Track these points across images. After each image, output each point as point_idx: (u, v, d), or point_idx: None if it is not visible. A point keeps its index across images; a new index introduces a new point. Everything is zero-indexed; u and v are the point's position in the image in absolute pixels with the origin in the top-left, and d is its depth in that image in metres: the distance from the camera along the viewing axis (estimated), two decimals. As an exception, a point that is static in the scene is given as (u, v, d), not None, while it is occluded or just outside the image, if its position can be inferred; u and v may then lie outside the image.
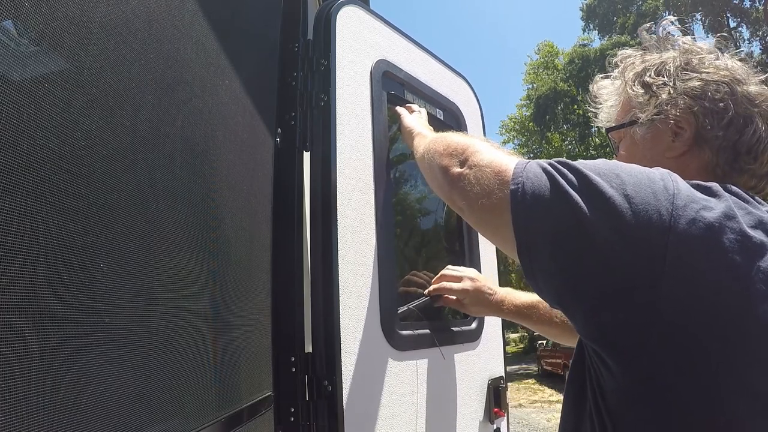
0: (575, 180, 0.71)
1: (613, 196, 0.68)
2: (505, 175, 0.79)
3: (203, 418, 0.84)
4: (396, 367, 1.35)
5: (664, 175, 0.71)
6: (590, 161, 0.75)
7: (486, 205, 0.82)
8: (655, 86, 0.86)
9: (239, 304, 1.04)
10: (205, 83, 0.93)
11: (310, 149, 1.31)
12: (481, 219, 0.87)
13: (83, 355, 0.58)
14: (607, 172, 0.71)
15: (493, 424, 1.70)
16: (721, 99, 0.81)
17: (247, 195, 1.11)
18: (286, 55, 1.34)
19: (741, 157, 0.81)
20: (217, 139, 0.98)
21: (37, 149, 0.53)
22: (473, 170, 0.87)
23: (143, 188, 0.73)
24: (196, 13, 0.90)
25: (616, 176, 0.70)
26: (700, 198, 0.68)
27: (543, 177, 0.74)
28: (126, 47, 0.70)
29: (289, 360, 1.20)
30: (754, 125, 0.81)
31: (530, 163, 0.78)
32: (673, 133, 0.84)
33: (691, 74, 0.83)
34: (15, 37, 0.52)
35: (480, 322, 1.73)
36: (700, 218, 0.65)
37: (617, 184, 0.69)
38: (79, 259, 0.58)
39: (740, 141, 0.80)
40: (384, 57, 1.52)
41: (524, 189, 0.75)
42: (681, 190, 0.68)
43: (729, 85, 0.81)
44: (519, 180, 0.76)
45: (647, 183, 0.69)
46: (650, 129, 0.87)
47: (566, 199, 0.70)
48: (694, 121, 0.82)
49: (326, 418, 1.17)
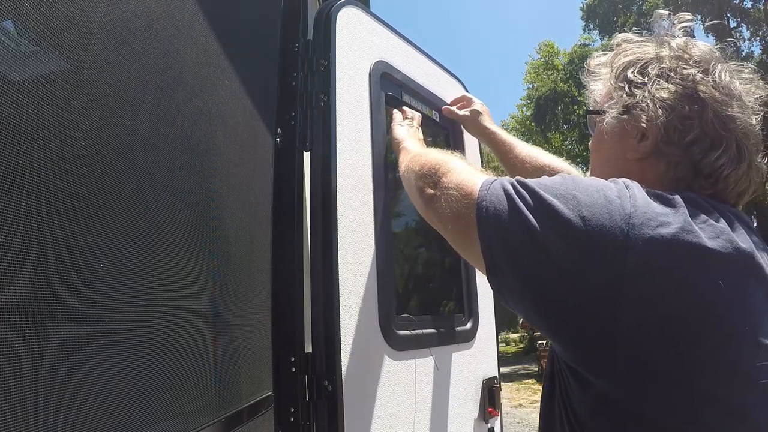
0: (531, 201, 0.72)
1: (569, 217, 0.68)
2: (471, 197, 0.81)
3: (203, 418, 0.84)
4: (394, 367, 1.35)
5: (622, 192, 0.71)
6: (551, 180, 0.75)
7: (456, 228, 0.84)
8: (634, 85, 0.84)
9: (239, 304, 1.04)
10: (205, 83, 0.93)
11: (310, 149, 1.31)
12: (455, 241, 0.89)
13: (83, 355, 0.58)
14: (564, 193, 0.71)
15: (488, 424, 1.71)
16: (688, 116, 0.78)
17: (247, 195, 1.11)
18: (286, 55, 1.34)
19: (698, 180, 0.79)
20: (217, 139, 0.98)
21: (37, 149, 0.53)
22: (443, 192, 0.89)
23: (143, 188, 0.72)
24: (196, 13, 0.90)
25: (573, 197, 0.70)
26: (658, 214, 0.68)
27: (503, 198, 0.75)
28: (126, 47, 0.70)
29: (289, 360, 1.20)
30: (721, 150, 0.78)
31: (494, 183, 0.79)
32: (639, 136, 0.83)
33: (666, 83, 0.81)
34: (15, 37, 0.52)
35: (474, 323, 1.74)
36: (657, 236, 0.65)
37: (573, 206, 0.69)
38: (79, 259, 0.58)
39: (702, 162, 0.78)
40: (382, 58, 1.52)
41: (487, 211, 0.76)
42: (638, 207, 0.68)
43: (703, 103, 0.78)
44: (482, 204, 0.78)
45: (603, 203, 0.69)
46: (619, 125, 0.86)
47: (521, 220, 0.71)
48: (656, 131, 0.80)
49: (326, 418, 1.17)
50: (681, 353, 0.65)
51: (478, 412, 1.68)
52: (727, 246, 0.68)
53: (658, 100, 0.80)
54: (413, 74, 1.66)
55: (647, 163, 0.82)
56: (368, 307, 1.30)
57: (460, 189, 0.85)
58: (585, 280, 0.67)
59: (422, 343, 1.46)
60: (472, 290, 1.75)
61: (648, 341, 0.65)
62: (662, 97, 0.80)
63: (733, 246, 0.68)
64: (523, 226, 0.71)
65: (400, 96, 1.58)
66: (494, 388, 1.75)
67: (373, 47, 1.50)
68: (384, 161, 1.44)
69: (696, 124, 0.78)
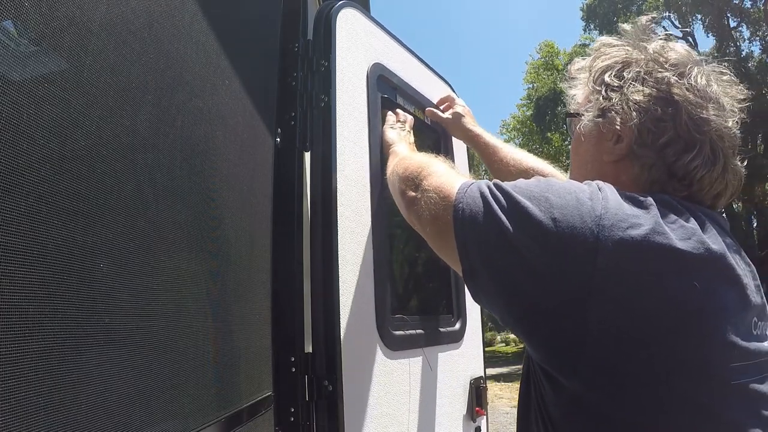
0: (505, 203, 0.73)
1: (540, 219, 0.69)
2: (448, 200, 0.82)
3: (203, 418, 0.84)
4: (390, 367, 1.36)
5: (594, 194, 0.71)
6: (526, 182, 0.76)
7: (435, 230, 0.86)
8: (610, 88, 0.85)
9: (239, 304, 1.04)
10: (205, 83, 0.93)
11: (310, 149, 1.31)
12: (434, 243, 0.90)
13: (83, 355, 0.58)
14: (537, 195, 0.72)
15: (475, 423, 1.74)
16: (662, 118, 0.79)
17: (247, 195, 1.11)
18: (286, 55, 1.34)
19: (671, 182, 0.79)
20: (217, 139, 0.98)
21: (37, 149, 0.53)
22: (423, 195, 0.90)
23: (143, 188, 0.73)
24: (196, 13, 0.90)
25: (546, 199, 0.71)
26: (628, 215, 0.68)
27: (479, 200, 0.76)
28: (126, 47, 0.70)
29: (289, 360, 1.20)
30: (695, 152, 0.78)
31: (471, 186, 0.80)
32: (614, 139, 0.83)
33: (641, 87, 0.81)
34: (15, 37, 0.52)
35: (462, 324, 1.76)
36: (627, 238, 0.66)
37: (545, 208, 0.70)
38: (79, 259, 0.58)
39: (676, 164, 0.78)
40: (379, 60, 1.53)
41: (463, 213, 0.77)
42: (609, 209, 0.69)
43: (677, 105, 0.78)
44: (459, 206, 0.79)
45: (575, 205, 0.69)
46: (595, 128, 0.86)
47: (495, 222, 0.73)
48: (630, 134, 0.81)
49: (326, 418, 1.17)
50: (651, 354, 0.66)
51: (466, 411, 1.71)
52: (698, 247, 0.68)
53: (632, 102, 0.81)
54: (407, 77, 1.67)
55: (622, 166, 0.83)
56: (366, 308, 1.31)
57: (439, 192, 0.86)
58: (555, 282, 0.68)
59: (415, 343, 1.48)
60: (460, 291, 1.77)
61: (617, 343, 0.66)
62: (636, 100, 0.81)
63: (704, 247, 0.69)
64: (496, 228, 0.72)
65: (395, 99, 1.60)
66: (481, 388, 1.79)
67: (371, 49, 1.50)
68: (380, 164, 1.45)
69: (670, 126, 0.78)
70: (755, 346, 0.70)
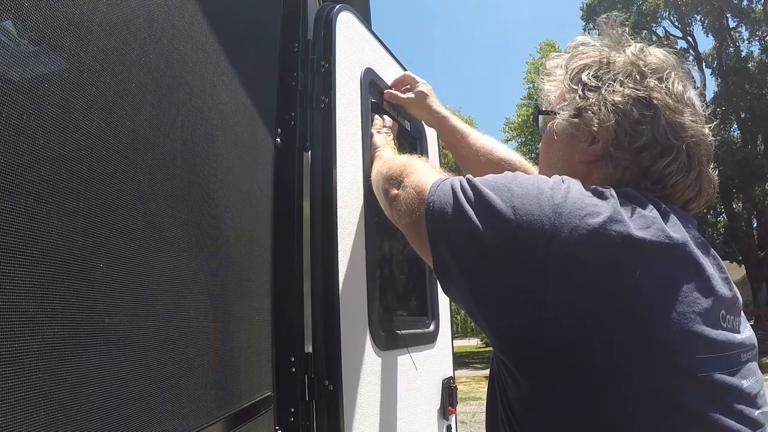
0: (472, 195, 0.75)
1: (501, 208, 0.71)
2: (423, 194, 0.84)
3: (203, 418, 0.84)
4: (379, 366, 1.38)
5: (556, 184, 0.72)
6: (494, 176, 0.78)
7: (410, 223, 0.88)
8: (587, 88, 0.83)
9: (239, 304, 1.04)
10: (205, 83, 0.93)
11: (310, 149, 1.32)
12: (410, 237, 0.92)
13: (83, 355, 0.58)
14: (501, 186, 0.74)
15: (447, 420, 1.81)
16: (640, 121, 0.78)
17: (247, 195, 1.11)
18: (286, 55, 1.34)
19: (644, 183, 0.78)
20: (217, 138, 0.98)
21: (37, 149, 0.53)
22: (404, 191, 0.93)
23: (143, 188, 0.73)
24: (196, 13, 0.90)
25: (508, 189, 0.73)
26: (588, 204, 0.69)
27: (448, 193, 0.78)
28: (126, 47, 0.70)
29: (289, 360, 1.20)
30: (671, 157, 0.77)
31: (444, 182, 0.82)
32: (589, 140, 0.82)
33: (620, 87, 0.80)
34: (15, 37, 0.52)
35: (436, 325, 1.80)
36: (584, 225, 0.66)
37: (506, 197, 0.72)
38: (78, 259, 0.58)
39: (651, 169, 0.78)
40: (370, 65, 1.54)
41: (434, 207, 0.79)
42: (569, 198, 0.69)
43: (655, 109, 0.78)
44: (431, 198, 0.81)
45: (535, 194, 0.71)
46: (570, 127, 0.85)
47: (462, 214, 0.74)
48: (606, 135, 0.80)
49: (326, 418, 1.18)
50: (609, 343, 0.65)
51: (439, 410, 1.78)
52: (658, 235, 0.68)
53: (610, 103, 0.79)
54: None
55: (595, 166, 0.82)
56: (361, 308, 1.32)
57: (416, 187, 0.89)
58: (513, 271, 0.69)
59: (400, 343, 1.52)
60: (434, 293, 1.81)
61: (574, 332, 0.65)
62: (615, 101, 0.79)
63: (664, 235, 0.68)
64: (462, 219, 0.74)
65: (381, 104, 1.61)
66: (452, 387, 1.86)
67: (363, 54, 1.52)
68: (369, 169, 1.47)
69: (647, 130, 0.77)
70: (724, 338, 0.69)
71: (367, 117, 1.47)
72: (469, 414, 7.94)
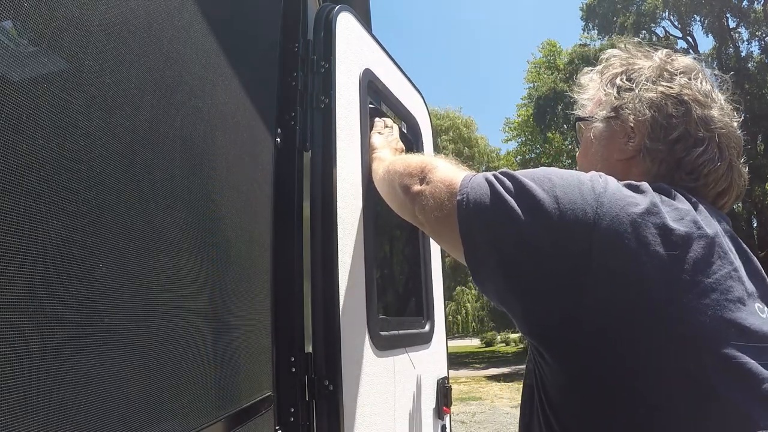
0: (511, 186, 0.77)
1: (543, 198, 0.73)
2: (453, 188, 0.86)
3: (203, 418, 0.84)
4: (378, 366, 1.38)
5: (594, 177, 0.75)
6: (531, 170, 0.80)
7: (439, 217, 0.89)
8: (623, 89, 0.90)
9: (239, 304, 1.04)
10: (204, 83, 0.93)
11: (310, 149, 1.32)
12: (435, 230, 0.95)
13: (83, 355, 0.58)
14: (541, 177, 0.76)
15: (442, 420, 1.83)
16: (674, 115, 0.84)
17: (247, 195, 1.11)
18: (286, 55, 1.34)
19: (678, 174, 0.84)
20: (216, 139, 0.98)
21: (36, 149, 0.53)
22: (429, 186, 0.94)
23: (142, 188, 0.73)
24: (195, 13, 0.90)
25: (548, 180, 0.75)
26: (627, 195, 0.72)
27: (484, 186, 0.80)
28: (125, 47, 0.70)
29: (289, 360, 1.20)
30: (703, 148, 0.83)
31: (476, 176, 0.84)
32: (627, 136, 0.88)
33: (653, 86, 0.87)
34: (15, 37, 0.52)
35: (431, 325, 1.81)
36: (624, 214, 0.70)
37: (548, 187, 0.74)
38: (78, 259, 0.58)
39: (685, 159, 0.83)
40: (368, 66, 1.55)
41: (468, 198, 0.81)
42: (608, 189, 0.73)
43: (687, 104, 0.84)
44: (464, 190, 0.82)
45: (576, 184, 0.73)
46: (608, 128, 0.91)
47: (503, 204, 0.76)
48: (643, 129, 0.86)
49: (326, 418, 1.18)
50: (644, 329, 0.67)
51: (434, 409, 1.80)
52: (690, 227, 0.71)
53: (646, 100, 0.86)
54: (390, 85, 1.71)
55: (633, 162, 0.88)
56: (359, 309, 1.33)
57: (445, 181, 0.90)
58: (556, 259, 0.71)
59: (397, 343, 1.53)
60: (430, 293, 1.82)
61: (609, 318, 0.68)
62: (650, 97, 0.86)
63: (696, 227, 0.72)
64: (503, 211, 0.75)
65: (379, 105, 1.62)
66: (447, 387, 1.88)
67: (361, 55, 1.52)
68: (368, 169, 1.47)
69: (681, 122, 0.84)
70: (759, 328, 0.70)
71: (366, 117, 1.47)
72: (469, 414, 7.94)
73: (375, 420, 1.33)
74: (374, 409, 1.33)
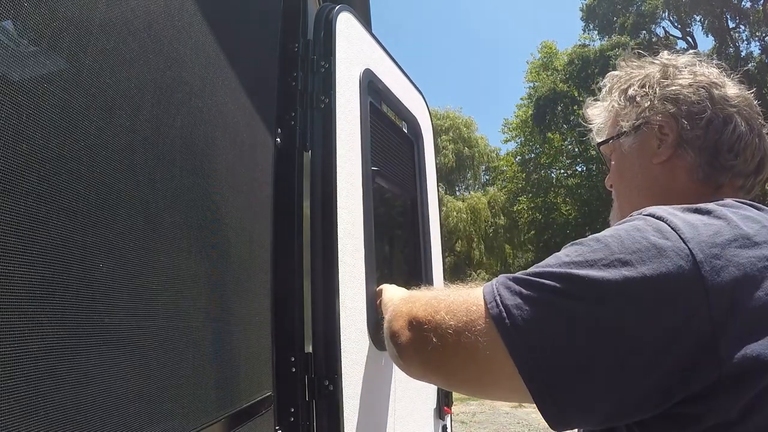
0: (560, 285, 0.62)
1: (623, 283, 0.60)
2: (478, 313, 0.67)
3: (203, 418, 0.84)
4: (378, 366, 1.38)
5: (657, 226, 0.64)
6: (564, 255, 0.66)
7: (471, 355, 0.67)
8: (639, 97, 0.89)
9: (239, 304, 1.04)
10: (204, 83, 0.93)
11: (310, 149, 1.32)
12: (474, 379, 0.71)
13: (83, 355, 0.58)
14: (596, 259, 0.62)
15: (443, 421, 1.83)
16: (698, 101, 0.84)
17: (247, 195, 1.11)
18: (286, 55, 1.34)
19: (722, 155, 0.83)
20: (216, 138, 0.98)
21: (36, 149, 0.53)
22: (441, 327, 0.71)
23: (142, 188, 0.73)
24: (195, 13, 0.90)
25: (616, 261, 0.61)
26: (711, 235, 0.63)
27: (517, 297, 0.64)
28: (125, 47, 0.70)
29: (289, 360, 1.20)
30: (733, 123, 0.83)
31: (496, 286, 0.67)
32: (658, 138, 0.86)
33: (669, 81, 0.87)
34: (15, 37, 0.52)
35: None
36: (727, 263, 0.60)
37: (618, 270, 0.60)
38: (78, 259, 0.58)
39: (721, 140, 0.83)
40: (368, 66, 1.55)
41: (508, 317, 0.63)
42: (690, 238, 0.62)
43: (706, 88, 0.84)
44: (499, 313, 0.64)
45: (654, 253, 0.61)
46: (636, 138, 0.89)
47: (558, 312, 0.61)
48: (674, 124, 0.84)
49: (326, 418, 1.17)
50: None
51: (435, 410, 1.79)
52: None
53: (666, 95, 0.86)
54: (390, 85, 1.70)
55: (675, 160, 0.85)
56: (360, 308, 1.32)
57: (464, 309, 0.69)
58: (673, 342, 0.59)
59: None
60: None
61: (754, 368, 0.59)
62: (669, 92, 0.86)
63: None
64: (564, 320, 0.61)
65: (379, 105, 1.61)
66: None
67: (362, 55, 1.53)
68: (369, 169, 1.47)
69: (707, 106, 0.83)
70: None
71: (366, 118, 1.47)
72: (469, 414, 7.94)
73: (375, 420, 1.33)
74: (374, 409, 1.33)
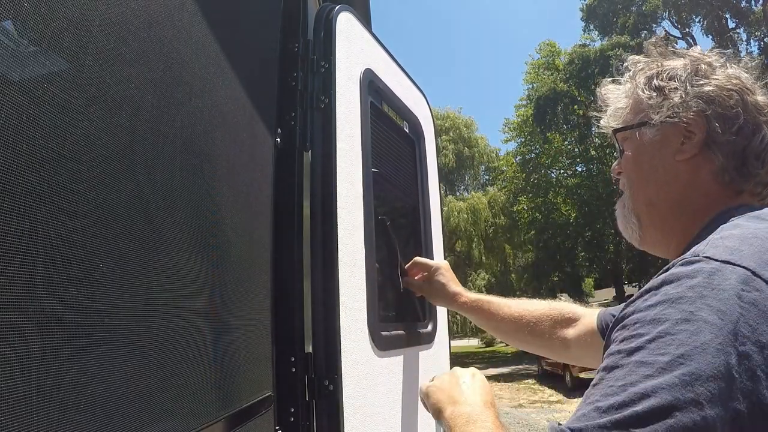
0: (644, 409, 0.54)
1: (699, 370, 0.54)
2: None
3: (203, 418, 0.84)
4: (379, 366, 1.38)
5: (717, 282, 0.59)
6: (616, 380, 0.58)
7: None
8: (668, 89, 0.86)
9: (239, 304, 1.04)
10: (204, 83, 0.93)
11: (310, 149, 1.32)
12: None
13: (83, 354, 0.58)
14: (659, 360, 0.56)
15: None
16: (733, 105, 0.83)
17: (247, 195, 1.11)
18: (286, 55, 1.34)
19: (750, 162, 0.83)
20: (216, 139, 0.98)
21: (36, 149, 0.53)
22: None
23: (142, 188, 0.73)
24: (195, 13, 0.90)
25: (669, 344, 0.56)
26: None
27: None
28: (125, 47, 0.70)
29: (289, 360, 1.20)
30: (762, 133, 0.83)
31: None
32: (684, 136, 0.85)
33: (702, 80, 0.85)
34: (15, 37, 0.52)
35: (434, 325, 1.80)
36: None
37: (683, 355, 0.55)
38: (78, 259, 0.58)
39: (749, 147, 0.83)
40: (369, 66, 1.54)
41: None
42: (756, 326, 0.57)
43: (739, 93, 0.83)
44: None
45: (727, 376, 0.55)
46: (660, 131, 0.87)
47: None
48: (705, 124, 0.83)
49: (326, 418, 1.18)
50: None
51: None
52: None
53: (700, 94, 0.84)
54: (391, 85, 1.70)
55: (700, 160, 0.85)
56: (360, 308, 1.32)
57: None
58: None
59: (399, 343, 1.52)
60: None
61: None
62: (703, 92, 0.84)
63: None
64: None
65: (380, 105, 1.61)
66: None
67: (362, 54, 1.52)
68: (369, 169, 1.47)
69: (740, 112, 0.83)
70: None
71: (366, 117, 1.47)
72: (469, 414, 7.93)
73: (375, 420, 1.32)
74: (374, 409, 1.33)
